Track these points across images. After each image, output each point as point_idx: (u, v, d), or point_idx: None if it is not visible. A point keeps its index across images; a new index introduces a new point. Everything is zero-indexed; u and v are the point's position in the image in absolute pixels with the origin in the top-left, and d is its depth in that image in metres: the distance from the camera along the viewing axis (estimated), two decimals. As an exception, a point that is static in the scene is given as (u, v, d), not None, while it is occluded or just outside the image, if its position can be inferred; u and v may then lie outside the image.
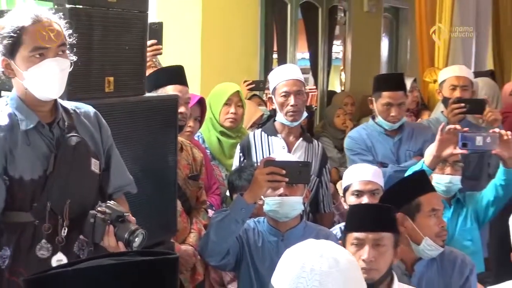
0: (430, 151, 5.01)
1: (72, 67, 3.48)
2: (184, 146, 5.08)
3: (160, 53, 5.42)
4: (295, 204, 4.46)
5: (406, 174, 5.01)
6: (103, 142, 3.68)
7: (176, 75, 5.10)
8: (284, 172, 4.26)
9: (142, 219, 4.06)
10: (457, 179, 5.15)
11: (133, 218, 3.45)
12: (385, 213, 3.99)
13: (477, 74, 9.44)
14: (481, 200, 5.23)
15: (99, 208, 3.38)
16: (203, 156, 5.29)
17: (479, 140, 4.85)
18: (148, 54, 4.83)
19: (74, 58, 3.52)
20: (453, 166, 5.14)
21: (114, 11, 4.12)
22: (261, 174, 4.29)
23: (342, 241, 3.92)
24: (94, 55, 3.97)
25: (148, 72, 4.80)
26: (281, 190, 4.38)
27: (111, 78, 4.12)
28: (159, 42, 5.25)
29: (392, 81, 5.88)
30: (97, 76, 4.07)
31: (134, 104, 4.31)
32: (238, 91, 6.10)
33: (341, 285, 2.42)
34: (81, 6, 3.91)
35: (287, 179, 4.28)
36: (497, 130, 5.00)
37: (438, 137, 4.99)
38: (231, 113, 5.96)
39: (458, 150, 4.93)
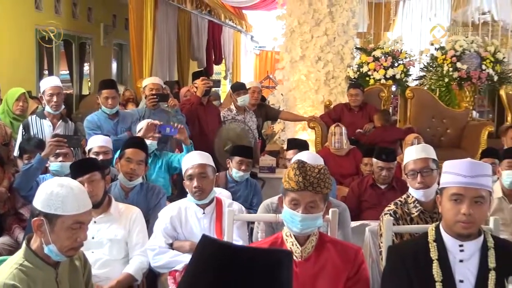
0: (140, 134, 5.12)
1: None
2: None
3: None
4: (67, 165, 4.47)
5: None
6: None
7: None
8: (65, 140, 4.47)
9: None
10: (154, 143, 5.18)
11: None
12: (91, 162, 3.98)
13: (168, 82, 9.63)
14: (170, 156, 5.36)
15: None
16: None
17: (167, 130, 5.09)
18: None
19: None
20: (153, 137, 5.19)
21: None
22: (51, 141, 4.45)
23: None
24: None
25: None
26: (60, 158, 4.58)
27: None
28: None
29: (107, 84, 5.72)
30: None
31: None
32: (24, 93, 5.94)
33: (75, 203, 2.42)
34: None
35: (67, 145, 4.50)
36: (179, 125, 5.21)
37: (145, 127, 5.12)
38: (20, 105, 5.86)
39: (156, 134, 5.11)
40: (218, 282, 1.09)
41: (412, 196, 3.46)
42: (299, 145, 5.23)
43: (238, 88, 6.95)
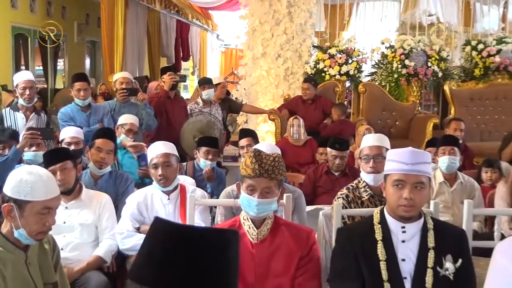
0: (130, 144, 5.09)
1: None
2: None
3: None
4: (41, 154, 4.33)
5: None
6: None
7: None
8: (39, 133, 4.42)
9: None
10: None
11: None
12: (63, 151, 3.86)
13: (138, 78, 9.53)
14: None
15: None
16: None
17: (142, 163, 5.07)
18: None
19: None
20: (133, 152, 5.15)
21: None
22: (26, 134, 4.36)
23: None
24: None
25: None
26: (34, 148, 4.45)
27: None
28: None
29: (79, 77, 5.63)
30: None
31: None
32: None
33: (43, 189, 2.39)
34: None
35: (41, 137, 4.43)
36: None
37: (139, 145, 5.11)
38: None
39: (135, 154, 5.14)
40: (169, 261, 1.09)
41: (363, 181, 3.49)
42: (248, 134, 5.28)
43: (204, 82, 6.91)
